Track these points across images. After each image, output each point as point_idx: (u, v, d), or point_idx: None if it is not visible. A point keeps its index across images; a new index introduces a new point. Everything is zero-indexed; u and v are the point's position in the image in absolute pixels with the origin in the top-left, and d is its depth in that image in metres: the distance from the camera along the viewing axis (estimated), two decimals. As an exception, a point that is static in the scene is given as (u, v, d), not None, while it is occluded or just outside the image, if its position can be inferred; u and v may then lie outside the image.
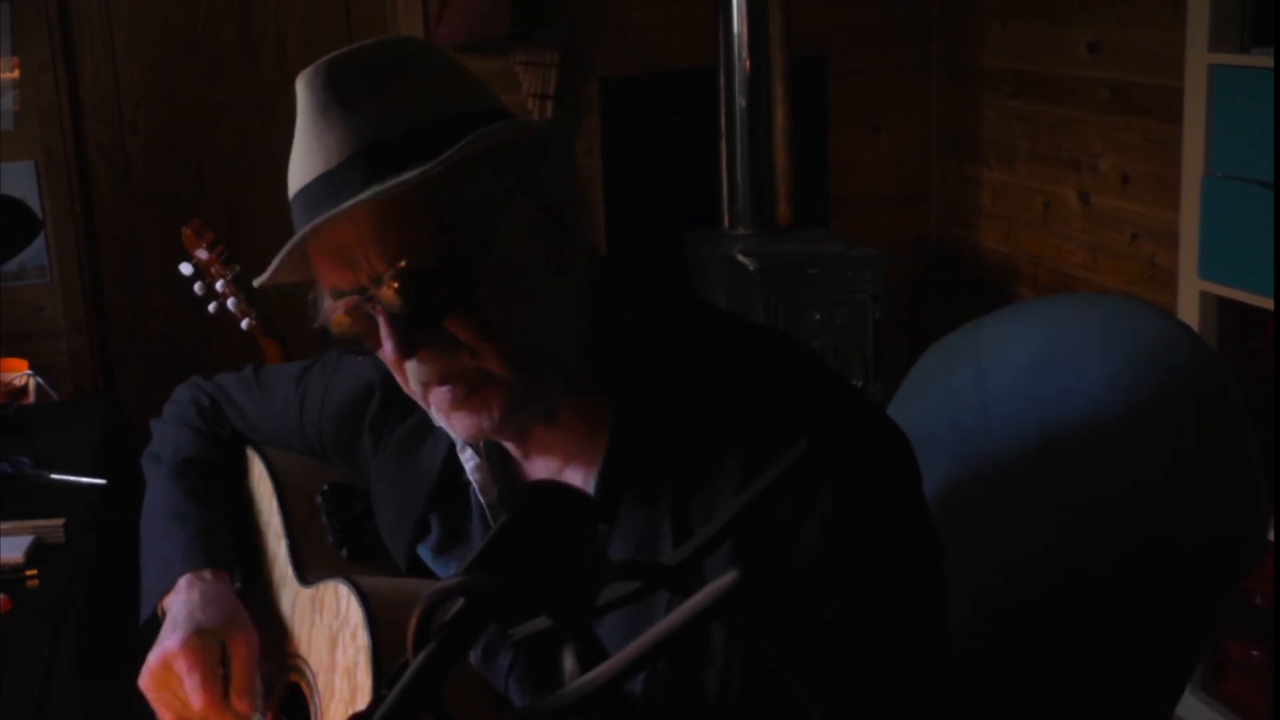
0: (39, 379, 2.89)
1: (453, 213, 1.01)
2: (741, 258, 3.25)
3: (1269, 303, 2.53)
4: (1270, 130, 2.47)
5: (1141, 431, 1.22)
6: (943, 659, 1.05)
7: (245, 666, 1.24)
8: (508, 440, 1.13)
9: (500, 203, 1.03)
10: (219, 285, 2.50)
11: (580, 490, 0.66)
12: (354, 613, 1.14)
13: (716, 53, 3.34)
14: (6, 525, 2.00)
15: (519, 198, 1.04)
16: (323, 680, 1.20)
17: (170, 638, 1.24)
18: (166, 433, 1.46)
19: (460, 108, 1.04)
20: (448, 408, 1.06)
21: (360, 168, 1.00)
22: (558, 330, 1.06)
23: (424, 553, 1.24)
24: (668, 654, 0.54)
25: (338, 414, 1.34)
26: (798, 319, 3.20)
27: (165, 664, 1.23)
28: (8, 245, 2.61)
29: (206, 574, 1.30)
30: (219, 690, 1.23)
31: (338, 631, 1.17)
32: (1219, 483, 1.20)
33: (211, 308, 2.54)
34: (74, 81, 3.42)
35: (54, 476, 2.24)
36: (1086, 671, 1.24)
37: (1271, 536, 1.70)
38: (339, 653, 1.16)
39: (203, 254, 2.50)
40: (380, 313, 1.01)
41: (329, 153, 1.01)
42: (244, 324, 2.55)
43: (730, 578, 0.54)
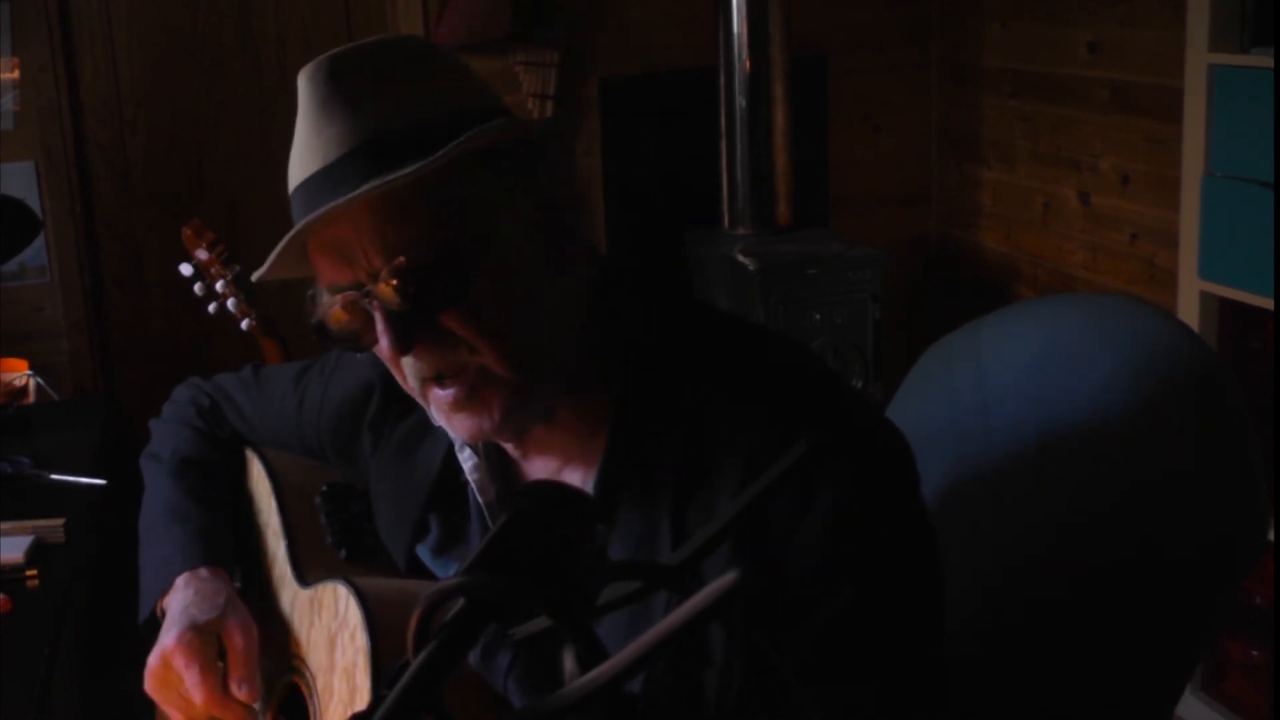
0: (39, 379, 2.88)
1: (451, 209, 1.01)
2: (741, 258, 3.25)
3: (1269, 303, 2.53)
4: (1270, 130, 2.47)
5: (1141, 431, 1.21)
6: (943, 659, 1.05)
7: (243, 655, 1.24)
8: (507, 441, 1.13)
9: (500, 202, 1.03)
10: (219, 285, 2.50)
11: (579, 490, 0.66)
12: (353, 614, 1.14)
13: (716, 53, 3.34)
14: (6, 525, 2.00)
15: (519, 197, 1.04)
16: (321, 681, 1.19)
17: (167, 636, 1.24)
18: (165, 433, 1.46)
19: (461, 106, 1.04)
20: (449, 409, 1.06)
21: (359, 163, 1.00)
22: (557, 330, 1.06)
23: (423, 553, 1.24)
24: (667, 654, 0.54)
25: (337, 414, 1.34)
26: (798, 319, 3.20)
27: (164, 663, 1.23)
28: (8, 245, 2.61)
29: (204, 572, 1.30)
30: (218, 683, 1.23)
31: (336, 632, 1.17)
32: (1219, 483, 1.20)
33: (211, 308, 2.54)
34: (74, 81, 3.42)
35: (54, 476, 2.24)
36: (1086, 671, 1.24)
37: (1271, 536, 1.70)
38: (338, 654, 1.16)
39: (203, 254, 2.50)
40: (377, 308, 1.01)
41: (329, 147, 1.01)
42: (244, 324, 2.55)
43: (730, 578, 0.53)
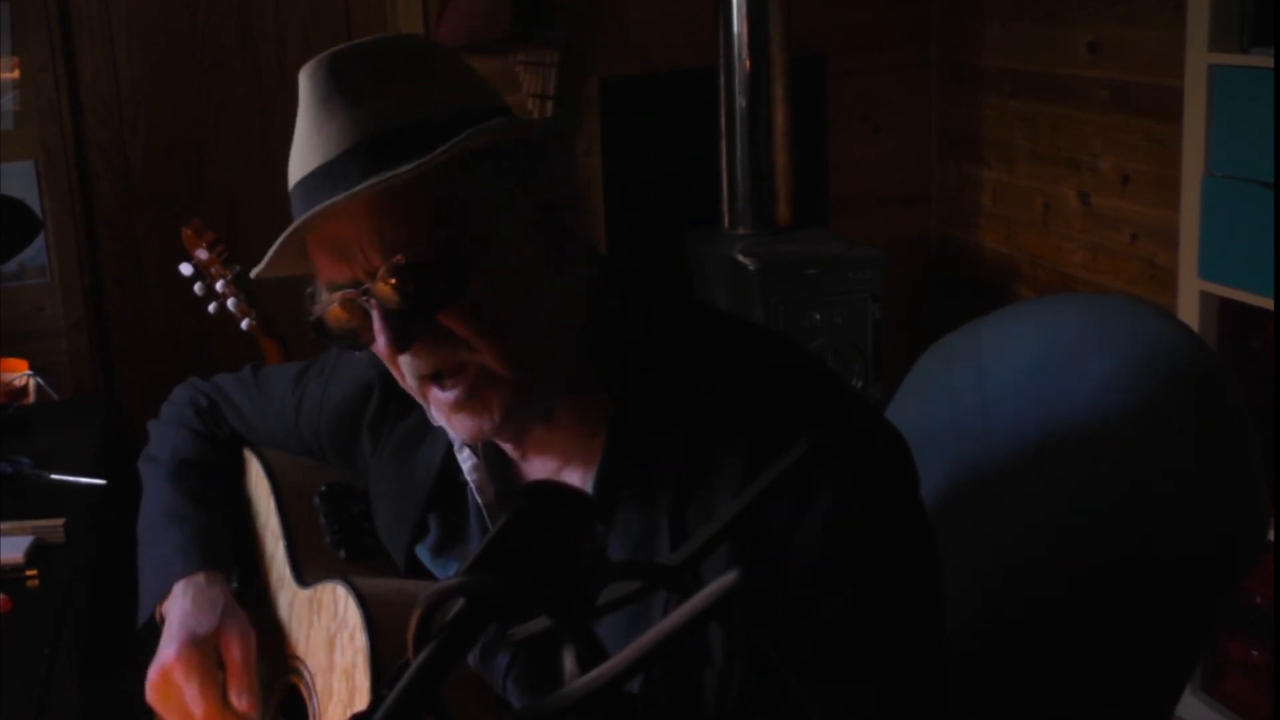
0: (39, 379, 2.88)
1: (450, 208, 1.01)
2: (741, 258, 3.25)
3: (1269, 303, 2.52)
4: (1270, 130, 2.47)
5: (1141, 431, 1.21)
6: (942, 659, 1.05)
7: (241, 666, 1.25)
8: (507, 441, 1.13)
9: (500, 201, 1.03)
10: (219, 285, 2.50)
11: (579, 490, 0.66)
12: (352, 614, 1.13)
13: (716, 53, 3.34)
14: (6, 525, 1.99)
15: (519, 197, 1.04)
16: (321, 682, 1.19)
17: (166, 649, 1.25)
18: (164, 434, 1.46)
19: (461, 105, 1.04)
20: (449, 409, 1.06)
21: (359, 160, 0.99)
22: (557, 330, 1.06)
23: (422, 553, 1.24)
24: (667, 654, 0.54)
25: (336, 414, 1.34)
26: (798, 319, 3.20)
27: (164, 676, 1.24)
28: (8, 245, 2.60)
29: (201, 577, 1.30)
30: (218, 695, 1.24)
31: (335, 633, 1.17)
32: (1219, 483, 1.20)
33: (211, 308, 2.54)
34: (74, 81, 3.41)
35: (54, 476, 2.24)
36: (1086, 671, 1.23)
37: (1271, 536, 1.70)
38: (337, 654, 1.16)
39: (203, 254, 2.50)
40: (375, 307, 1.01)
41: (328, 145, 1.01)
42: (244, 324, 2.55)
43: (730, 578, 0.53)
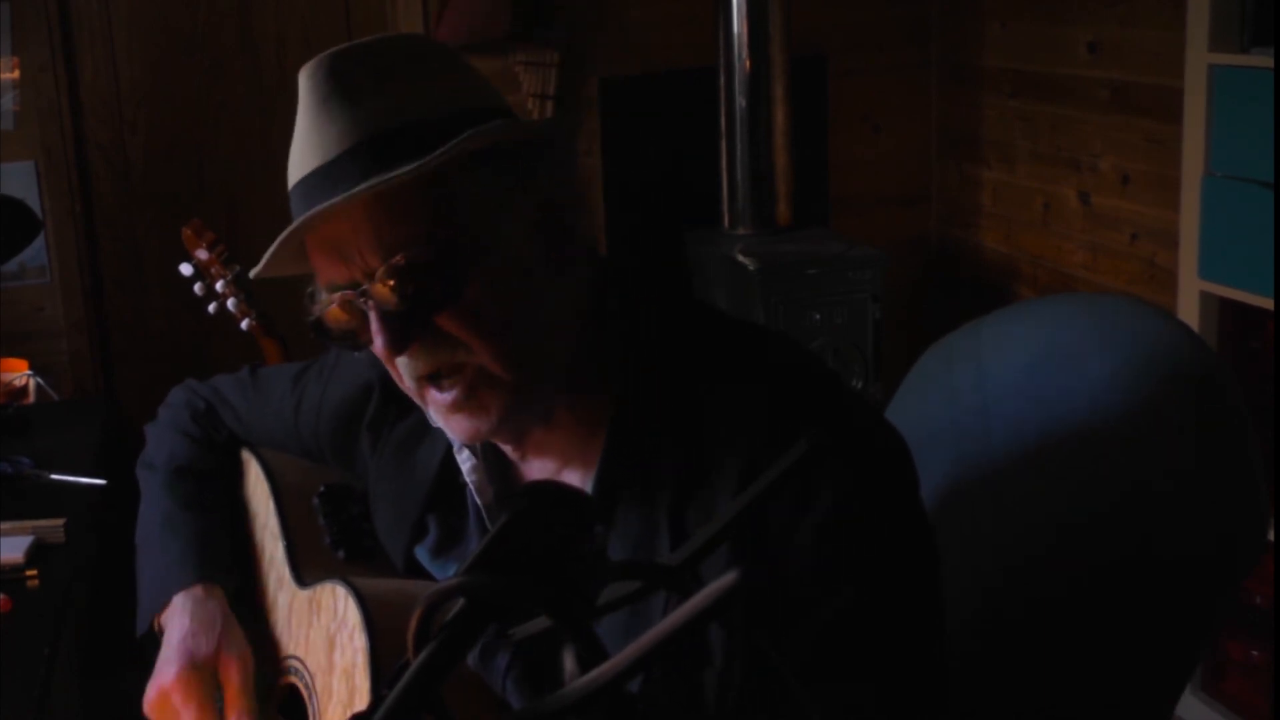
0: (39, 379, 2.88)
1: (449, 208, 1.01)
2: (741, 258, 3.25)
3: (1269, 303, 2.52)
4: (1270, 130, 2.47)
5: (1141, 431, 1.21)
6: (942, 659, 1.05)
7: (239, 691, 1.26)
8: (506, 443, 1.13)
9: (500, 201, 1.03)
10: (219, 285, 2.50)
11: (578, 490, 0.66)
12: (351, 614, 1.13)
13: (716, 53, 3.34)
14: (6, 525, 1.99)
15: (519, 197, 1.04)
16: (320, 682, 1.19)
17: (166, 671, 1.25)
18: (161, 439, 1.46)
19: (462, 105, 1.03)
20: (446, 410, 1.06)
21: (358, 161, 0.99)
22: (556, 330, 1.06)
23: (421, 554, 1.24)
24: (667, 654, 0.54)
25: (335, 415, 1.33)
26: (798, 319, 3.20)
27: (163, 698, 1.25)
28: (8, 245, 2.60)
29: (199, 590, 1.30)
30: (215, 718, 1.24)
31: (335, 633, 1.17)
32: (1219, 483, 1.20)
33: (211, 308, 2.54)
34: (74, 81, 3.41)
35: (54, 476, 2.24)
36: (1086, 671, 1.23)
37: (1271, 536, 1.70)
38: (336, 654, 1.16)
39: (203, 254, 2.50)
40: (372, 308, 1.01)
41: (328, 145, 1.01)
42: (244, 324, 2.55)
43: (730, 578, 0.53)
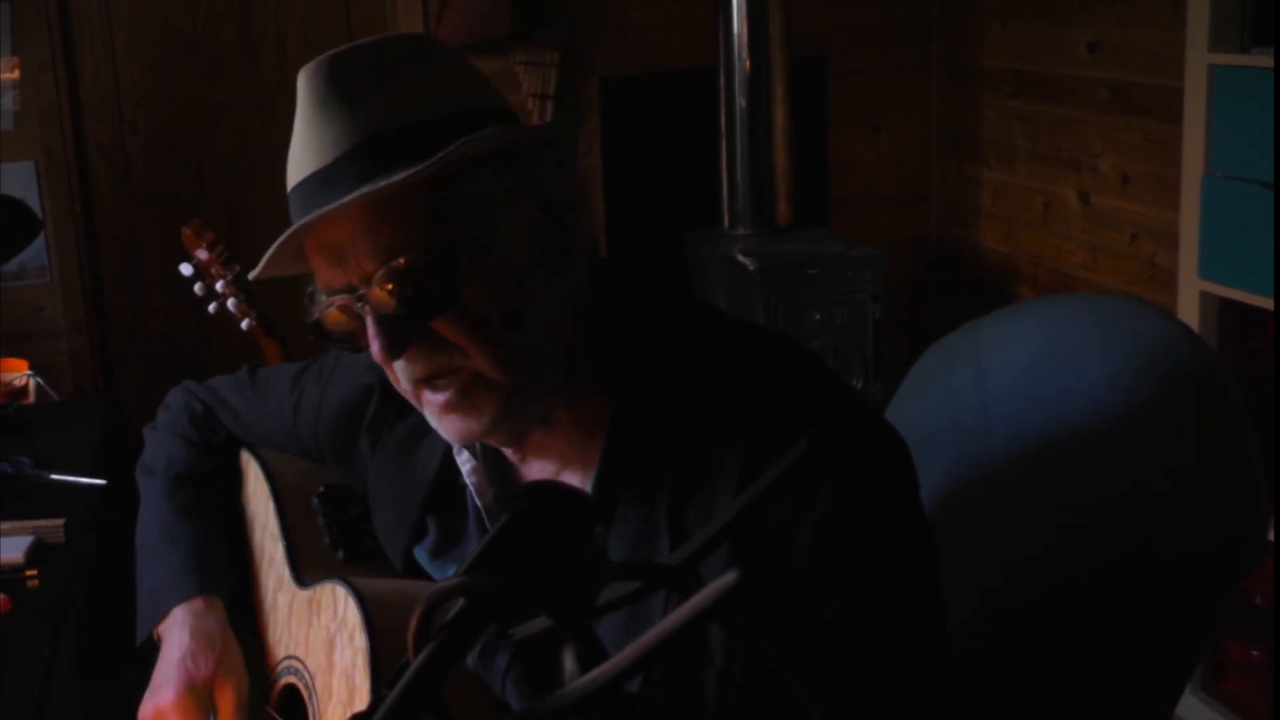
0: (39, 379, 2.88)
1: (449, 210, 1.00)
2: (741, 258, 3.25)
3: (1269, 303, 2.52)
4: (1270, 130, 2.47)
5: (1141, 431, 1.21)
6: (942, 659, 1.05)
7: (233, 714, 1.27)
8: (503, 444, 1.13)
9: (500, 202, 1.02)
10: (219, 285, 2.50)
11: (579, 490, 0.66)
12: (351, 614, 1.13)
13: (716, 53, 3.34)
14: (6, 525, 1.99)
15: (519, 197, 1.03)
16: (320, 682, 1.19)
17: (164, 692, 1.26)
18: (159, 443, 1.45)
19: (462, 106, 1.03)
20: (439, 411, 1.05)
21: (356, 164, 0.99)
22: (555, 331, 1.05)
23: (420, 555, 1.24)
24: (667, 654, 0.54)
25: (335, 416, 1.33)
26: (798, 319, 3.20)
27: (159, 718, 1.26)
28: (8, 245, 2.60)
29: (199, 604, 1.31)
30: None
31: (335, 633, 1.17)
32: (1219, 483, 1.20)
33: (211, 308, 2.54)
34: (74, 81, 3.41)
35: (54, 476, 2.24)
36: (1086, 671, 1.23)
37: (1271, 536, 1.70)
38: (336, 654, 1.16)
39: (203, 254, 2.50)
40: (369, 312, 1.00)
41: (326, 148, 1.00)
42: (244, 324, 2.55)
43: (730, 578, 0.53)
